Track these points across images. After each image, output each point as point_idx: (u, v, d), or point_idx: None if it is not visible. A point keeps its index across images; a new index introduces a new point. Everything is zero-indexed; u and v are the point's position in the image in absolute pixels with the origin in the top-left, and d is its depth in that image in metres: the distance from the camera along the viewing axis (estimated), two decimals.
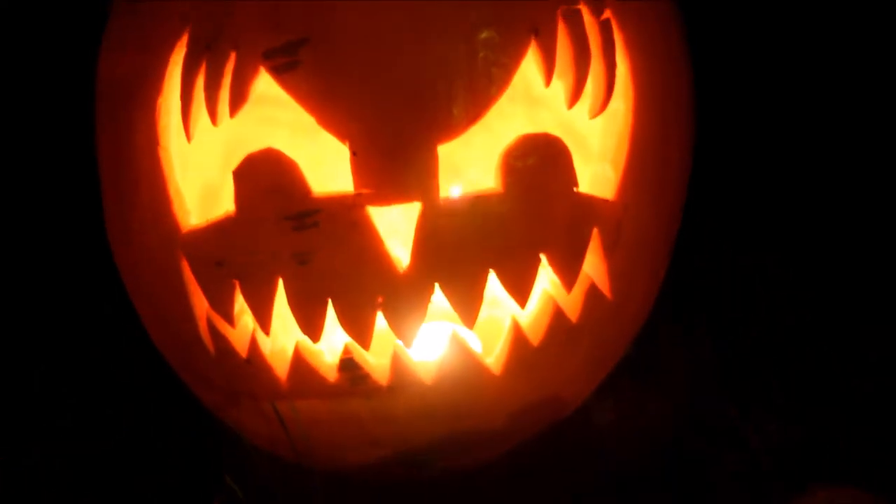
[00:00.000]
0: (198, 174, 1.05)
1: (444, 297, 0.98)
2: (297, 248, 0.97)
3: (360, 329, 0.99)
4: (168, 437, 1.27)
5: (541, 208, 1.00)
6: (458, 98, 0.97)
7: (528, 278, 1.00)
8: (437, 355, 1.03)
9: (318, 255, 0.97)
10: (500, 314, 1.06)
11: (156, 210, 1.03)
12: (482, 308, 0.99)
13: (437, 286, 0.98)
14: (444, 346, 1.02)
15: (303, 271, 0.98)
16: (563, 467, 1.14)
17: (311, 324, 0.99)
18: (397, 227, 1.03)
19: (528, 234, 1.00)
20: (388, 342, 1.00)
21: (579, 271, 1.02)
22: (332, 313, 0.98)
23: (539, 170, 0.99)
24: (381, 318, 0.98)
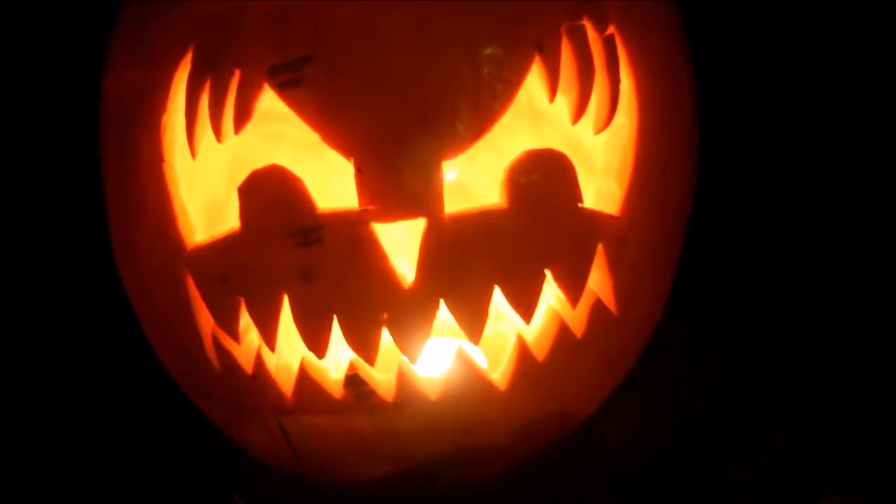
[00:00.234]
0: (203, 191, 1.05)
1: (450, 313, 0.98)
2: (302, 264, 0.97)
3: (366, 345, 0.99)
4: (168, 438, 1.27)
5: (545, 224, 1.00)
6: (463, 114, 0.96)
7: (533, 294, 1.00)
8: (442, 371, 1.03)
9: (323, 271, 0.97)
10: (505, 329, 1.06)
11: (161, 227, 1.03)
12: (487, 323, 0.99)
13: (442, 302, 0.98)
14: (449, 361, 1.02)
15: (308, 287, 0.98)
16: (568, 479, 1.14)
17: (316, 340, 0.99)
18: (402, 243, 1.02)
19: (532, 249, 0.99)
20: (393, 358, 1.00)
21: (584, 287, 1.02)
22: (337, 329, 0.98)
23: (543, 185, 0.99)
24: (386, 333, 0.98)
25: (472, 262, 0.98)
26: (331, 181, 1.02)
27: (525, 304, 1.00)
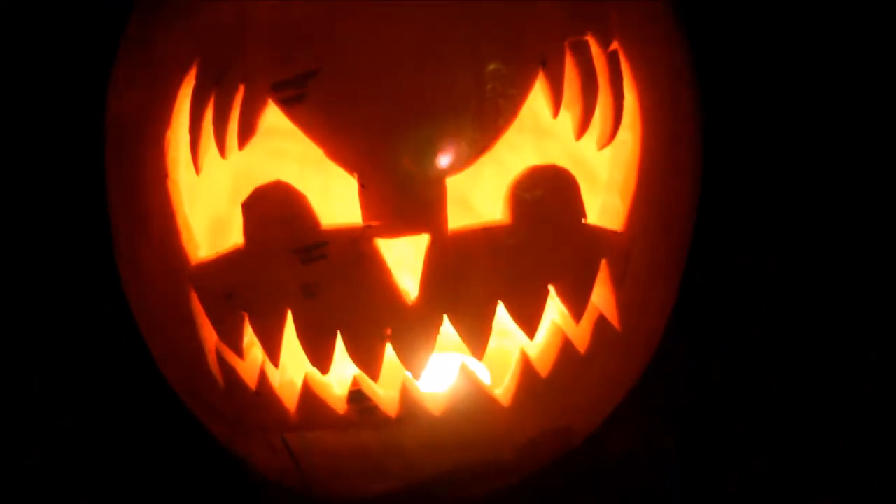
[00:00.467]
0: (207, 206, 1.05)
1: (453, 329, 0.98)
2: (306, 280, 0.97)
3: (369, 361, 0.98)
4: (168, 438, 1.27)
5: (549, 240, 0.99)
6: (467, 130, 0.96)
7: (537, 309, 1.00)
8: (445, 387, 1.03)
9: (327, 287, 0.97)
10: (508, 345, 1.06)
11: (165, 242, 1.02)
12: (491, 339, 0.99)
13: (445, 318, 0.98)
14: (453, 377, 1.02)
15: (311, 303, 0.98)
16: (572, 493, 1.15)
17: (319, 356, 0.99)
18: (406, 258, 1.02)
19: (536, 265, 0.99)
20: (396, 374, 1.00)
21: (588, 303, 1.02)
22: (340, 345, 0.98)
23: (547, 201, 0.99)
24: (389, 349, 0.98)
25: (475, 278, 0.98)
26: (334, 197, 1.02)
27: (528, 319, 1.00)
